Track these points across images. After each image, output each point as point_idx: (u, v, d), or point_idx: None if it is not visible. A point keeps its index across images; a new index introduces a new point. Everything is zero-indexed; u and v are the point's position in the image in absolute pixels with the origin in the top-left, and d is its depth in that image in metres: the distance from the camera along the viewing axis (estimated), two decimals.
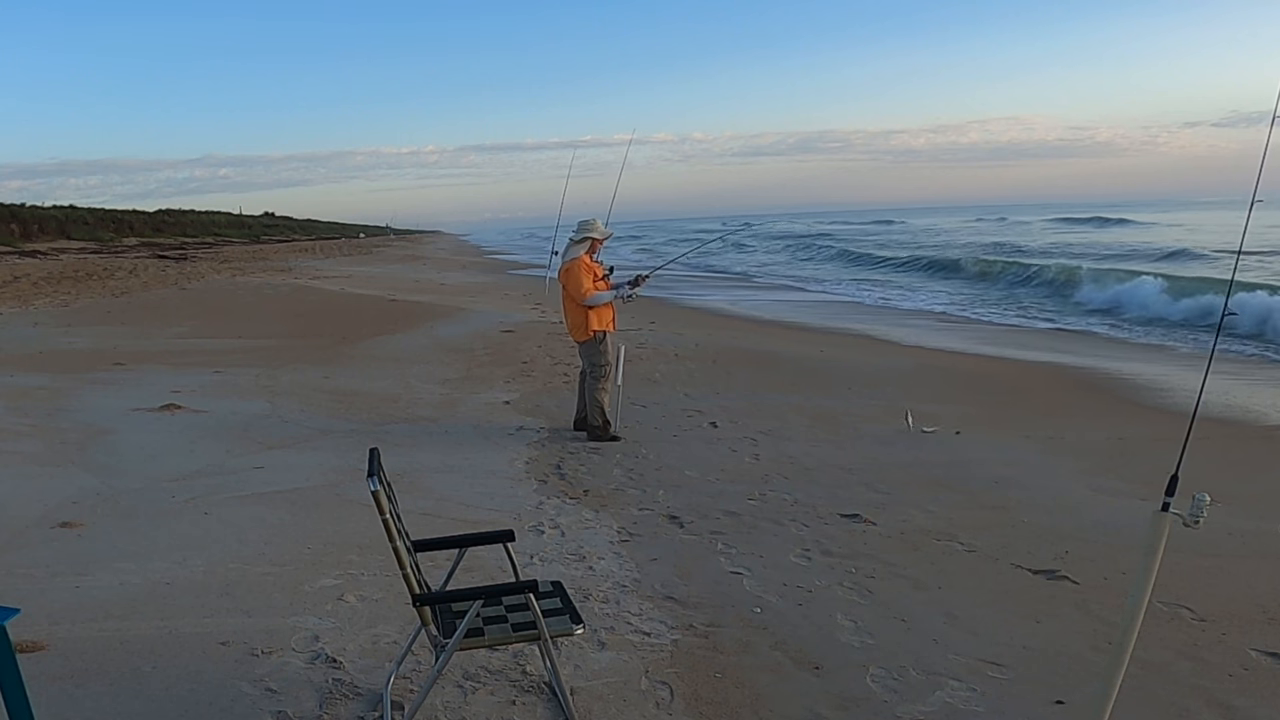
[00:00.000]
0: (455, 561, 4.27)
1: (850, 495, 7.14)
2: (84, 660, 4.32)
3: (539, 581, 3.92)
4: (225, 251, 52.43)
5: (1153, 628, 4.64)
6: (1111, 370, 13.39)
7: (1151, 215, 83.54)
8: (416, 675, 4.19)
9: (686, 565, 5.74)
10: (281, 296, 24.13)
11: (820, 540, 6.16)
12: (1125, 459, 8.15)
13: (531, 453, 8.42)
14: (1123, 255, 39.44)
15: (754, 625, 4.87)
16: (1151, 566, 3.27)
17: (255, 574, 5.43)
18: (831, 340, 16.99)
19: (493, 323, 18.22)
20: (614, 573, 5.61)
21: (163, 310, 20.63)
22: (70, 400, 10.26)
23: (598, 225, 8.99)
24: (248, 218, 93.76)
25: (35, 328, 17.04)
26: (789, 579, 5.49)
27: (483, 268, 45.50)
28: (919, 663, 4.37)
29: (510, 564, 4.31)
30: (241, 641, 4.56)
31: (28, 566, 5.48)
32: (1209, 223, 63.96)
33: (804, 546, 6.04)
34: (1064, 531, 6.21)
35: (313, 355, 13.97)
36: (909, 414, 9.32)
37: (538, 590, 3.78)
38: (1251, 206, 3.82)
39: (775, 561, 5.79)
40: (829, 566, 5.68)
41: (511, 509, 6.78)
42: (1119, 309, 22.85)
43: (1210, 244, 40.38)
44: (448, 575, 4.24)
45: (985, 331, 18.81)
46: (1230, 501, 6.61)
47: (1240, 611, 5.03)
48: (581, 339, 8.90)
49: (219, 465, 7.79)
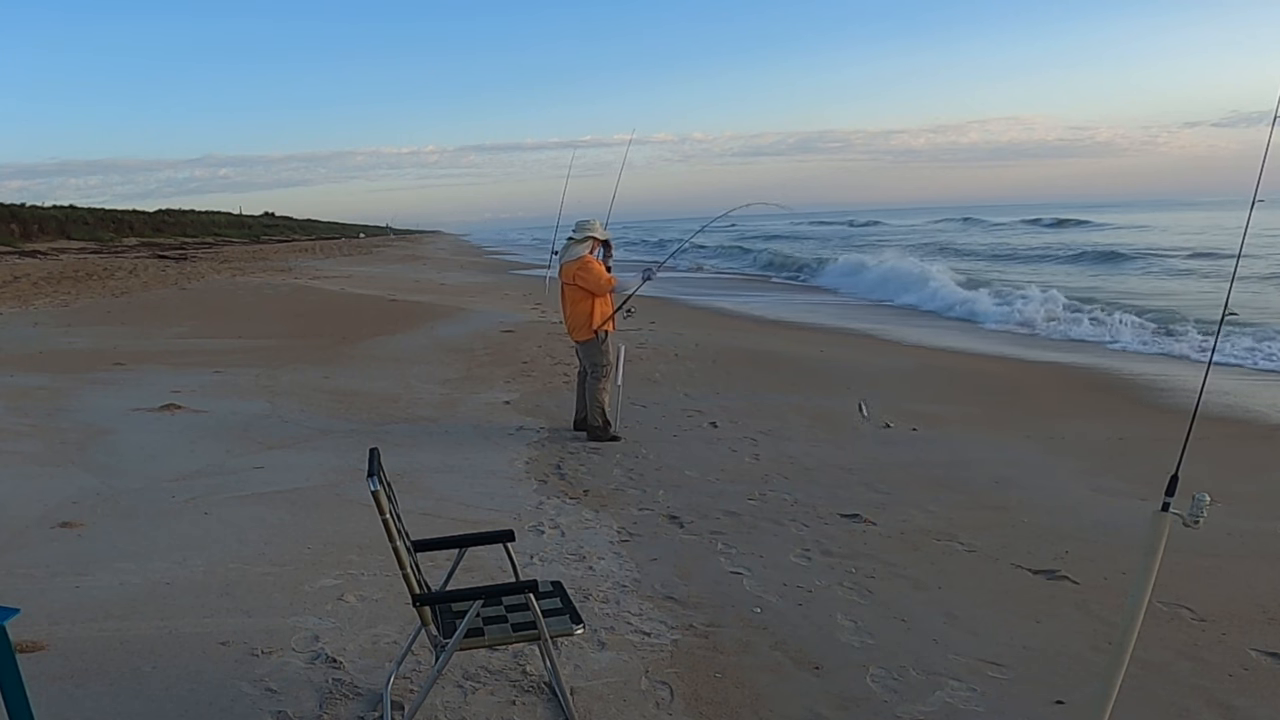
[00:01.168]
0: (455, 561, 4.27)
1: (850, 495, 7.15)
2: (84, 660, 4.32)
3: (539, 581, 3.93)
4: (225, 251, 52.51)
5: (1153, 628, 4.65)
6: (1111, 369, 13.40)
7: (1128, 216, 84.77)
8: (416, 675, 4.20)
9: (686, 565, 5.75)
10: (281, 296, 24.16)
11: (820, 540, 6.16)
12: (1125, 459, 8.16)
13: (531, 453, 8.43)
14: (982, 254, 46.00)
15: (754, 625, 4.88)
16: (1151, 566, 3.27)
17: (255, 574, 5.44)
18: (832, 340, 17.01)
19: (493, 323, 18.24)
20: (614, 573, 5.62)
21: (163, 310, 20.65)
22: (70, 400, 10.26)
23: (597, 225, 8.96)
24: (248, 218, 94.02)
25: (35, 328, 17.05)
26: (789, 579, 5.50)
27: (482, 268, 45.57)
28: (919, 663, 4.38)
29: (510, 564, 4.32)
30: (241, 641, 4.56)
31: (28, 566, 5.48)
32: (1181, 223, 65.72)
33: (804, 546, 6.05)
34: (1064, 531, 6.22)
35: (313, 355, 13.98)
36: (863, 405, 9.37)
37: (538, 590, 3.79)
38: (1253, 206, 3.82)
39: (775, 561, 5.80)
40: (829, 566, 5.70)
41: (511, 509, 6.79)
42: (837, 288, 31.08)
43: (1148, 243, 43.81)
44: (448, 575, 4.25)
45: (984, 332, 18.81)
46: (1230, 501, 6.62)
47: (1240, 611, 5.04)
48: (583, 338, 8.85)
49: (219, 465, 7.79)
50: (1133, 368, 13.47)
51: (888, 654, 4.53)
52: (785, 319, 21.47)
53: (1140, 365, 13.76)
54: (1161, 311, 19.50)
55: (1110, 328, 18.02)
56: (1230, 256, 32.41)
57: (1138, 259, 35.90)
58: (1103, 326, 18.29)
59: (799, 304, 26.18)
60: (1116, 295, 23.89)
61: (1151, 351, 15.70)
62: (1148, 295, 24.06)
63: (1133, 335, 17.18)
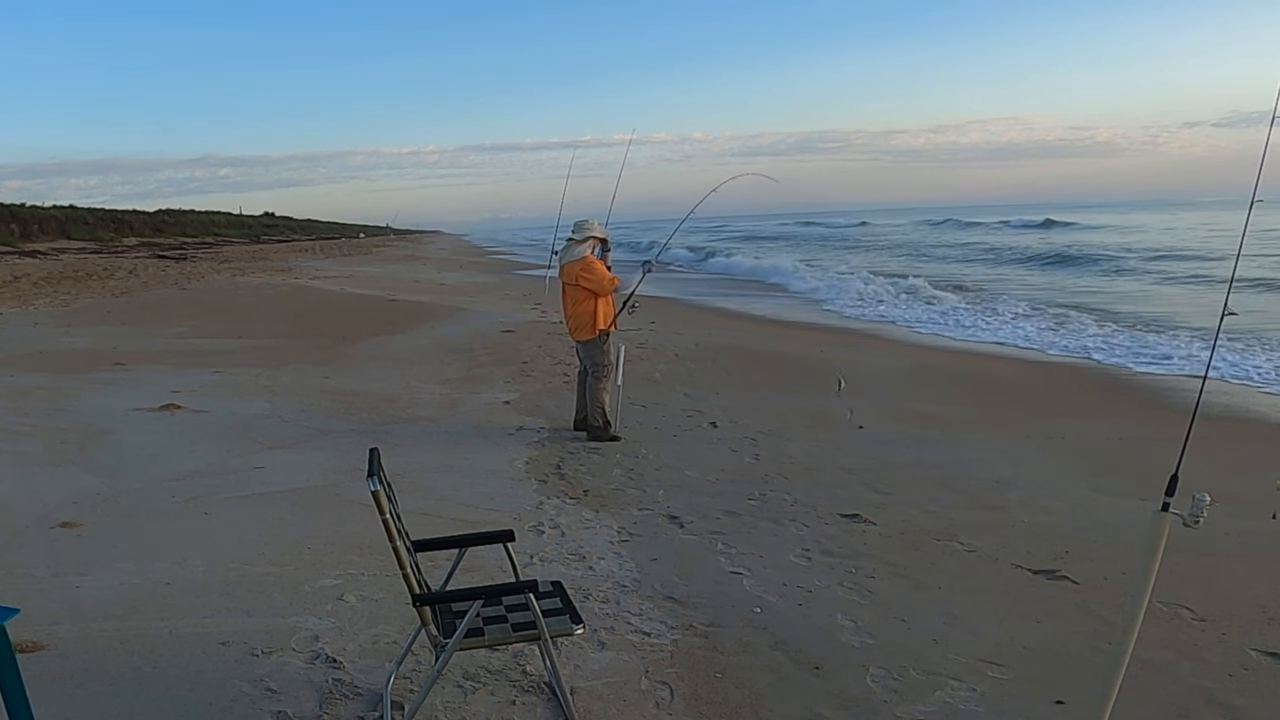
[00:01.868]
0: (455, 561, 4.29)
1: (850, 495, 7.17)
2: (84, 660, 4.34)
3: (539, 581, 3.94)
4: (225, 251, 52.64)
5: (1153, 628, 4.65)
6: (1111, 369, 13.42)
7: (1123, 217, 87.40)
8: (416, 675, 4.22)
9: (686, 565, 5.77)
10: (281, 296, 24.24)
11: (820, 540, 6.18)
12: (1125, 459, 8.18)
13: (531, 453, 8.45)
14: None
15: (754, 625, 4.90)
16: (1151, 566, 3.28)
17: (255, 574, 5.45)
18: (832, 339, 17.05)
19: (493, 323, 18.30)
20: (614, 573, 5.64)
21: (163, 310, 20.71)
22: (70, 400, 10.28)
23: (596, 225, 9.01)
24: (248, 218, 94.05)
25: (35, 328, 17.08)
26: (789, 579, 5.52)
27: (482, 268, 45.65)
28: (919, 663, 4.40)
29: (510, 564, 4.34)
30: (241, 641, 4.58)
31: (28, 566, 5.49)
32: (1173, 223, 68.00)
33: (804, 546, 6.07)
34: (1064, 532, 6.23)
35: (313, 355, 14.02)
36: (840, 380, 9.53)
37: (538, 590, 3.81)
38: (1251, 206, 3.83)
39: (775, 561, 5.82)
40: (829, 566, 5.72)
41: (511, 509, 6.81)
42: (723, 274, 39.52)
43: (1123, 243, 46.00)
44: (448, 575, 4.27)
45: (981, 330, 18.86)
46: (1230, 501, 6.62)
47: (1240, 611, 5.06)
48: (585, 338, 8.87)
49: (219, 465, 7.81)
50: (1133, 366, 13.50)
51: (888, 654, 4.54)
52: (783, 317, 21.56)
53: (1143, 365, 13.77)
54: (1043, 302, 23.02)
55: (903, 305, 23.22)
56: (1193, 258, 35.62)
57: (1089, 261, 37.43)
58: (900, 308, 22.76)
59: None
60: (1016, 289, 27.59)
61: (951, 328, 19.32)
62: (1053, 290, 27.36)
63: (931, 312, 21.87)
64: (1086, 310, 20.79)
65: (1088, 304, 22.41)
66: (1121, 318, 19.32)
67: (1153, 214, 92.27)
